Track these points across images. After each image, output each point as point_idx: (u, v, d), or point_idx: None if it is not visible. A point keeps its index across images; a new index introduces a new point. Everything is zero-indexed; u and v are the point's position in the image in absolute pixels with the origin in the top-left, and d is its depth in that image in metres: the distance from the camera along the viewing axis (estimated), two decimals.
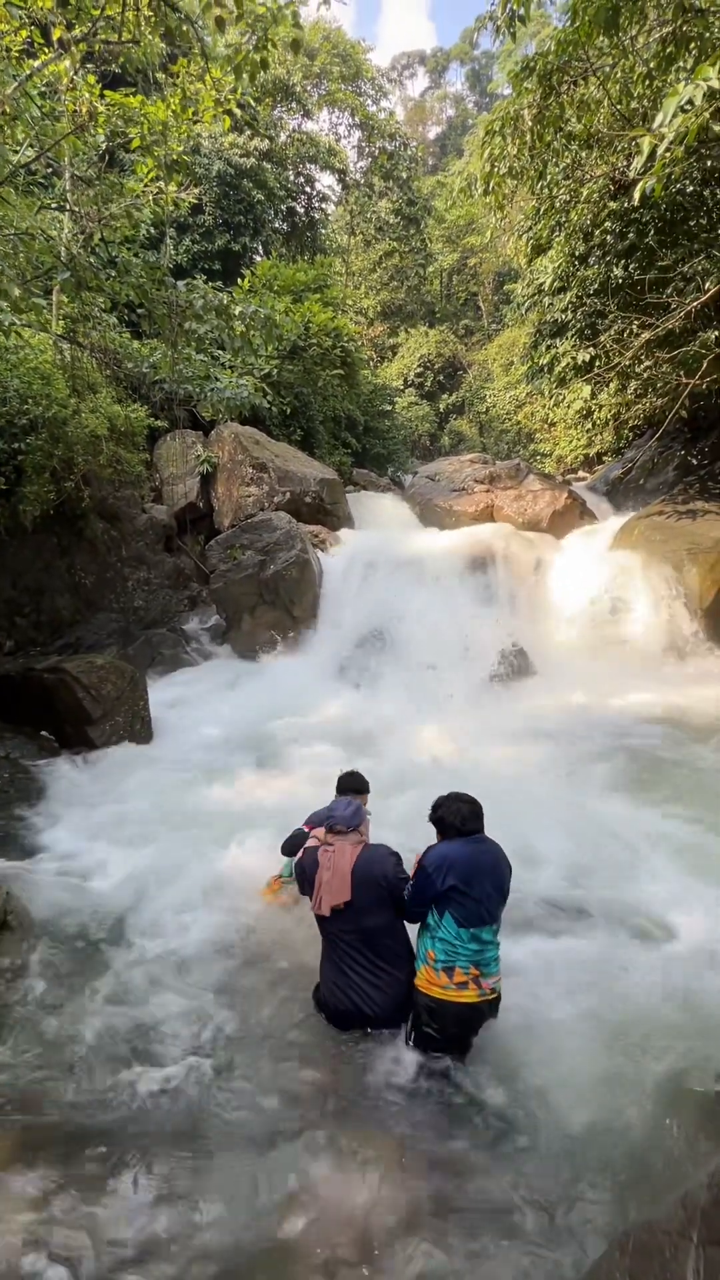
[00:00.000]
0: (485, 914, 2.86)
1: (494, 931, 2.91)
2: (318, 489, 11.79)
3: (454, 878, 2.86)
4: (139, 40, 4.99)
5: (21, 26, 4.89)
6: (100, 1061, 2.97)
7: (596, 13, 5.81)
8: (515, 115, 6.95)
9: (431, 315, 30.29)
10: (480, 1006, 2.86)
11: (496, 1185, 2.37)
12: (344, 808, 3.26)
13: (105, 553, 9.74)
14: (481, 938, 2.86)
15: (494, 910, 2.90)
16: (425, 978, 2.90)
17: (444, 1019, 2.84)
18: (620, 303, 10.19)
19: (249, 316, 6.41)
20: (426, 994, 2.88)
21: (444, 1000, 2.82)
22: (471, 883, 2.85)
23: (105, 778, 6.02)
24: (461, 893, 2.84)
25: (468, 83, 45.03)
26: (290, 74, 18.57)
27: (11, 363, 8.02)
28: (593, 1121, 2.65)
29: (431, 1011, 2.85)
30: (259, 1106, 2.75)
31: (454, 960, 2.83)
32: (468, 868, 2.88)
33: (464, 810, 3.02)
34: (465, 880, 2.85)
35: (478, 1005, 2.85)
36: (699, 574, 9.13)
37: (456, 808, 3.03)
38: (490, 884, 2.89)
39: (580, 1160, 2.49)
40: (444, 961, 2.84)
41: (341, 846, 3.11)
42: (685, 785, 5.58)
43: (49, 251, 6.10)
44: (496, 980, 2.91)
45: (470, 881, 2.85)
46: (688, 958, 3.55)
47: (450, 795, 3.13)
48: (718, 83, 4.12)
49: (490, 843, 3.02)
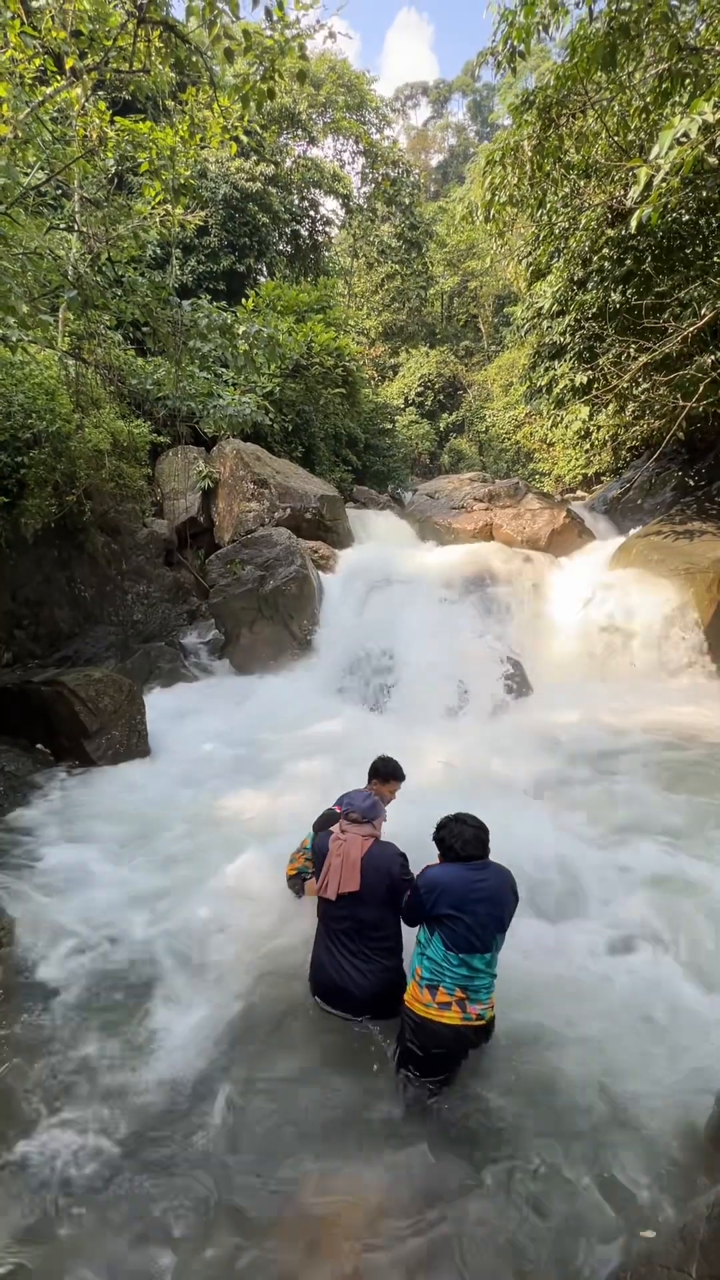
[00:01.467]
0: (477, 941, 2.79)
1: (487, 961, 2.83)
2: (318, 505, 11.87)
3: (445, 904, 2.81)
4: (149, 70, 5.12)
5: (35, 55, 5.02)
6: (88, 1088, 2.92)
7: (595, 50, 5.99)
8: (515, 146, 7.12)
9: (432, 336, 30.74)
10: (464, 1031, 2.80)
11: (486, 1217, 2.33)
12: (362, 799, 3.33)
13: (105, 566, 9.77)
14: (471, 964, 2.79)
15: (487, 939, 2.82)
16: (411, 993, 2.88)
17: (425, 1037, 2.80)
18: (618, 327, 10.36)
19: (252, 336, 6.52)
20: (410, 1009, 2.85)
21: (426, 1019, 2.79)
22: (464, 909, 2.79)
23: (101, 792, 5.98)
24: (453, 918, 2.79)
25: (469, 113, 46.17)
26: (296, 102, 19.02)
27: (17, 378, 8.11)
28: (586, 1147, 2.60)
29: (414, 1028, 2.83)
30: (252, 1135, 2.70)
31: (439, 980, 2.80)
32: (461, 895, 2.82)
33: (466, 834, 2.94)
34: (457, 907, 2.80)
35: (460, 1030, 2.78)
36: (697, 593, 9.18)
37: (459, 830, 2.96)
38: (485, 912, 2.82)
39: (574, 1189, 2.44)
40: (429, 980, 2.82)
41: (353, 837, 3.19)
42: (682, 804, 5.55)
43: (56, 270, 6.22)
44: (485, 1008, 2.83)
45: (462, 908, 2.80)
46: (669, 974, 3.52)
47: (455, 816, 3.05)
48: (712, 117, 4.24)
49: (494, 870, 2.93)
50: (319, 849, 3.30)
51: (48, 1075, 2.95)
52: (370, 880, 3.08)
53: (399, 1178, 2.49)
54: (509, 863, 3.06)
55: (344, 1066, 3.03)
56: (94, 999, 3.43)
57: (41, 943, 3.81)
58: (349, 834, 3.21)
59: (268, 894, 4.14)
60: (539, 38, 6.33)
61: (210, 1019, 3.28)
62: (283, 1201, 2.38)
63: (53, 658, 8.69)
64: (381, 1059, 3.02)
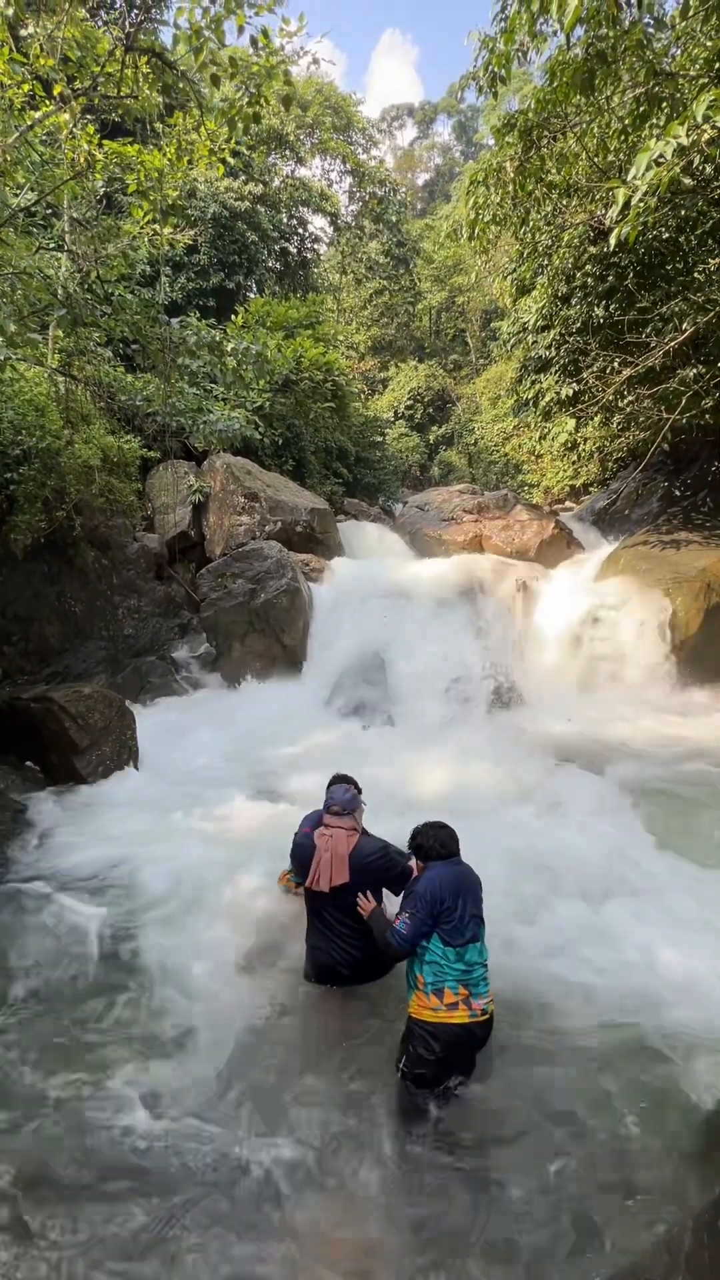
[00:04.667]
0: (469, 932, 2.97)
1: (479, 951, 3.00)
2: (309, 518, 11.92)
3: (447, 898, 2.99)
4: (137, 95, 5.20)
5: (24, 81, 5.10)
6: (75, 1120, 2.88)
7: (573, 75, 6.13)
8: (498, 167, 7.27)
9: (421, 350, 31.12)
10: (471, 1028, 2.90)
11: (471, 1228, 2.31)
12: (342, 793, 3.57)
13: (96, 581, 9.76)
14: (467, 958, 2.94)
15: (477, 929, 3.02)
16: (417, 1003, 2.95)
17: (437, 1040, 2.87)
18: (602, 341, 10.53)
19: (241, 353, 6.59)
20: (418, 1018, 2.92)
21: (439, 1023, 2.87)
22: (456, 901, 2.99)
23: (91, 809, 5.93)
24: (449, 909, 2.96)
25: (455, 133, 47.14)
26: (284, 124, 19.34)
27: (6, 395, 8.13)
28: (572, 1154, 2.60)
29: (427, 1037, 2.88)
30: (249, 1148, 2.67)
31: (443, 981, 2.90)
32: (453, 887, 3.02)
33: (442, 835, 3.19)
34: (453, 897, 2.99)
35: (469, 1026, 2.89)
36: (684, 602, 9.27)
37: (434, 833, 3.21)
38: (471, 903, 3.04)
39: (560, 1197, 2.43)
40: (433, 984, 2.91)
41: (338, 833, 3.41)
42: (674, 814, 5.57)
43: (46, 290, 6.27)
44: (487, 1002, 2.95)
45: (455, 900, 2.99)
46: (664, 979, 3.53)
47: (427, 824, 3.30)
48: (686, 140, 4.35)
49: (466, 865, 3.18)
50: (301, 845, 3.53)
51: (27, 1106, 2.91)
52: (359, 872, 3.32)
53: (395, 1191, 2.47)
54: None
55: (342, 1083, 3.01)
56: (79, 1021, 3.39)
57: (26, 963, 3.77)
58: (333, 829, 3.43)
59: (263, 911, 4.12)
60: (519, 63, 6.49)
61: (206, 1040, 3.25)
62: (282, 1216, 2.36)
63: (43, 673, 8.65)
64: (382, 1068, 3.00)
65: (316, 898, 3.41)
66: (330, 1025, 3.37)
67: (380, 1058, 3.10)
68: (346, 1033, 3.31)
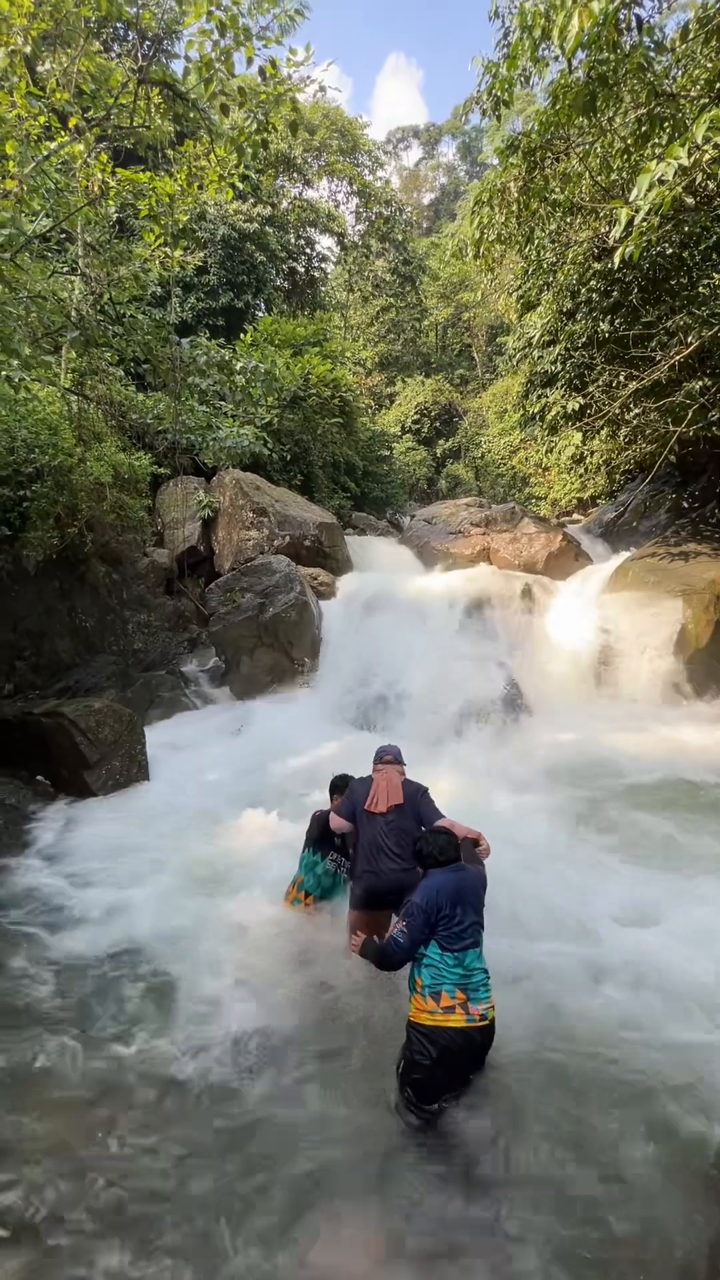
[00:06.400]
0: (468, 938, 3.00)
1: (477, 955, 3.02)
2: (317, 532, 12.01)
3: (446, 904, 3.02)
4: (149, 124, 5.35)
5: (40, 113, 5.26)
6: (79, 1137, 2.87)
7: (575, 97, 6.24)
8: (502, 187, 7.38)
9: (427, 365, 31.38)
10: (470, 1033, 2.89)
11: (472, 1249, 2.28)
12: (391, 747, 4.22)
13: (106, 596, 9.86)
14: (465, 963, 2.97)
15: (476, 935, 3.05)
16: (415, 1006, 2.97)
17: (434, 1044, 2.87)
18: (607, 355, 10.59)
19: (249, 370, 6.70)
20: (416, 1021, 2.93)
21: (435, 1026, 2.88)
22: (455, 907, 3.02)
23: (100, 823, 5.95)
24: (447, 917, 2.99)
25: (459, 153, 47.82)
26: (292, 148, 19.75)
27: (20, 414, 8.30)
28: (587, 1183, 2.55)
29: (423, 1039, 2.90)
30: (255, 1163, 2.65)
31: (440, 985, 2.92)
32: (454, 893, 3.05)
33: (441, 842, 3.24)
34: (451, 905, 3.02)
35: (467, 1031, 2.88)
36: (693, 614, 9.22)
37: (435, 840, 3.26)
38: (472, 909, 3.07)
39: (570, 1226, 2.39)
40: (431, 987, 2.93)
41: (391, 771, 4.05)
42: (678, 829, 5.52)
43: (60, 312, 6.42)
44: (487, 1007, 2.95)
45: (455, 905, 3.02)
46: (670, 1003, 3.48)
47: (428, 830, 3.40)
48: (687, 160, 4.42)
49: (468, 869, 3.21)
50: (356, 789, 4.02)
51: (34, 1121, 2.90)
52: (408, 799, 3.86)
53: (403, 1208, 2.44)
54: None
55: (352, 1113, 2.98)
56: (84, 1038, 3.38)
57: (37, 976, 3.77)
58: (386, 770, 4.06)
59: (270, 925, 4.10)
60: (521, 86, 6.61)
61: (217, 1059, 3.24)
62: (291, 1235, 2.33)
63: (54, 688, 8.72)
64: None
65: (371, 823, 3.83)
66: (342, 1038, 3.34)
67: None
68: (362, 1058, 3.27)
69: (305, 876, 4.19)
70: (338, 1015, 3.51)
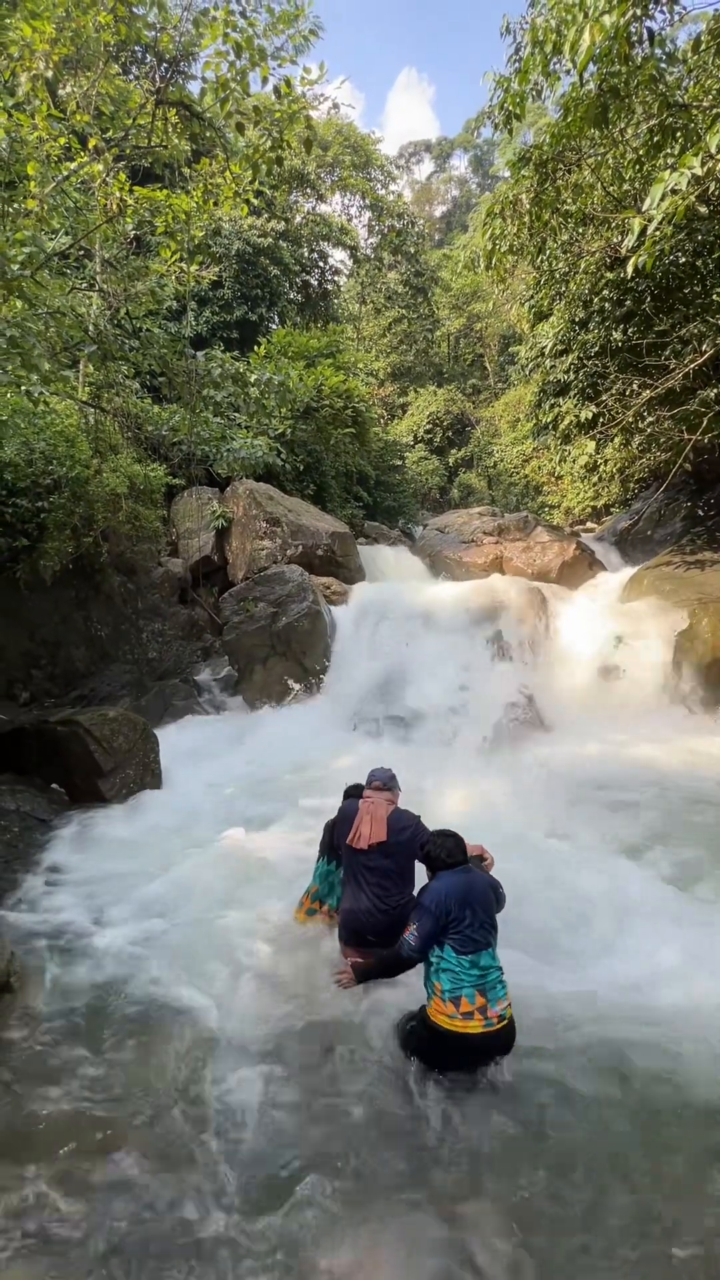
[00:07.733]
0: (480, 939, 3.02)
1: (492, 955, 3.04)
2: (329, 542, 12.05)
3: (454, 906, 3.04)
4: (166, 144, 5.46)
5: (61, 135, 5.39)
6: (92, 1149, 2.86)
7: (587, 110, 6.29)
8: (514, 199, 7.44)
9: (440, 375, 31.52)
10: (487, 1039, 2.92)
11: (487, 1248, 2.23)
12: (382, 772, 4.05)
13: (121, 605, 9.97)
14: (480, 963, 2.98)
15: (488, 936, 3.07)
16: (434, 1007, 2.99)
17: (447, 1045, 2.93)
18: (620, 364, 10.58)
19: (263, 383, 6.77)
20: (434, 1020, 2.96)
21: (450, 1030, 2.91)
22: (465, 910, 3.03)
23: (114, 832, 5.97)
24: (456, 919, 3.01)
25: (471, 166, 48.30)
26: (305, 164, 20.06)
27: (38, 427, 8.45)
28: (621, 1193, 2.49)
29: (435, 1039, 2.95)
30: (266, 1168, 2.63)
31: (460, 989, 2.94)
32: (461, 896, 3.06)
33: (449, 844, 3.27)
34: (460, 907, 3.03)
35: (484, 1038, 2.91)
36: (710, 624, 9.12)
37: (442, 843, 3.29)
38: (481, 910, 3.08)
39: (592, 1223, 2.33)
40: (450, 992, 2.95)
41: (378, 800, 3.82)
42: (700, 840, 5.42)
43: (78, 327, 6.54)
44: (504, 1007, 2.97)
45: (464, 908, 3.03)
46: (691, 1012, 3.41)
47: (434, 833, 3.40)
48: (700, 170, 4.43)
49: (476, 872, 3.22)
50: (345, 811, 3.89)
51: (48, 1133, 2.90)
52: (392, 834, 3.66)
53: (415, 1204, 2.41)
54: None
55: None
56: (101, 1046, 3.37)
57: (52, 987, 3.78)
58: (374, 798, 3.85)
59: (282, 935, 4.09)
60: (533, 99, 6.67)
61: (226, 1070, 3.22)
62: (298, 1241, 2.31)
63: (69, 696, 8.81)
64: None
65: (354, 856, 3.69)
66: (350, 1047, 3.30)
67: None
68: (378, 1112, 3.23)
69: (320, 885, 4.17)
70: (347, 1007, 3.47)
